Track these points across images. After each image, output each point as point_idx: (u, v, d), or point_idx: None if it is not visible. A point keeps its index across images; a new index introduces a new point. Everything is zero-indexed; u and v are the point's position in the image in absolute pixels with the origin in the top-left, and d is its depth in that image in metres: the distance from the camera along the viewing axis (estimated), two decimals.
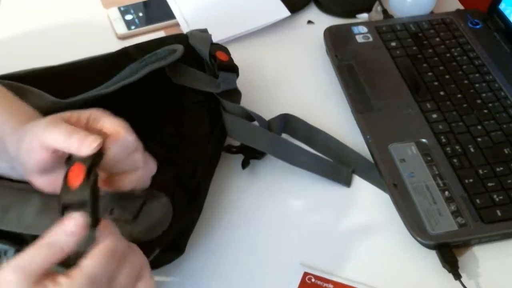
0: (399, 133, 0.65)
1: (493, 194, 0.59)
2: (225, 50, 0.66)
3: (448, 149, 0.63)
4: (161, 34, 0.81)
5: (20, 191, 0.51)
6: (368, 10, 0.84)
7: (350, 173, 0.64)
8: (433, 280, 0.55)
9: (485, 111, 0.67)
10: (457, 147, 0.63)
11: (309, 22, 0.84)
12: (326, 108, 0.71)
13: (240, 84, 0.65)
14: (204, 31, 0.69)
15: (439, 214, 0.57)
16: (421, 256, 0.56)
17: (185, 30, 0.77)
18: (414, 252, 0.57)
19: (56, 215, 0.40)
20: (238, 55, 0.67)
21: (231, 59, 0.66)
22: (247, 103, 0.63)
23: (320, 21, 0.83)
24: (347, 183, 0.63)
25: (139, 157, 0.45)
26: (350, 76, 0.72)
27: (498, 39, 0.77)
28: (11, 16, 0.85)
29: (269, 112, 0.65)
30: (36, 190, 0.51)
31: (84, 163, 0.41)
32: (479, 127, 0.65)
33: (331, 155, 0.65)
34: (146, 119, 0.47)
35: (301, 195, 0.63)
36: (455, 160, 0.62)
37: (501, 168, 0.61)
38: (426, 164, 0.61)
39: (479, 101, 0.68)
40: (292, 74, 0.76)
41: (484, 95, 0.69)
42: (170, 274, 0.55)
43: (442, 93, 0.69)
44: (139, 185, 0.47)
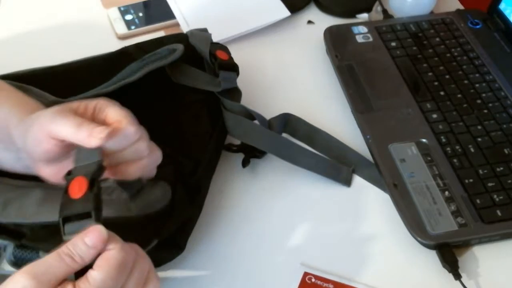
0: (399, 133, 0.65)
1: (493, 194, 0.59)
2: (225, 49, 0.66)
3: (448, 149, 0.63)
4: (161, 34, 0.81)
5: (20, 188, 0.52)
6: (368, 10, 0.84)
7: (350, 173, 0.64)
8: (433, 280, 0.55)
9: (485, 111, 0.67)
10: (457, 147, 0.63)
11: (309, 22, 0.84)
12: (326, 108, 0.71)
13: (240, 84, 0.65)
14: (204, 31, 0.69)
15: (439, 214, 0.57)
16: (421, 256, 0.56)
17: (185, 30, 0.77)
18: (414, 252, 0.57)
19: (57, 205, 0.40)
20: (238, 55, 0.67)
21: (231, 58, 0.66)
22: (247, 103, 0.63)
23: (320, 21, 0.83)
24: (347, 183, 0.63)
25: (144, 146, 0.45)
26: (350, 76, 0.72)
27: (498, 39, 0.77)
28: (11, 16, 0.85)
29: (269, 112, 0.65)
30: (36, 186, 0.51)
31: (86, 177, 0.41)
32: (479, 127, 0.65)
33: (331, 155, 0.65)
34: (147, 118, 0.47)
35: (301, 195, 0.63)
36: (455, 160, 0.62)
37: (501, 168, 0.61)
38: (426, 164, 0.61)
39: (479, 101, 0.68)
40: (292, 74, 0.76)
41: (484, 95, 0.69)
42: (171, 272, 0.55)
43: (442, 93, 0.69)
44: (145, 174, 0.47)
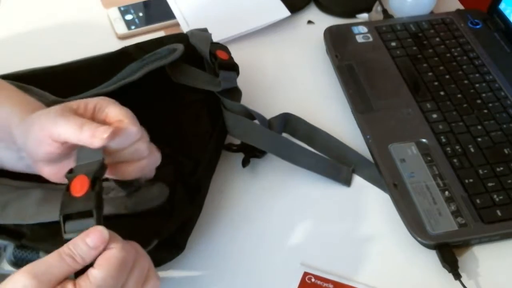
0: (399, 133, 0.65)
1: (493, 194, 0.59)
2: (225, 49, 0.66)
3: (448, 149, 0.63)
4: (161, 34, 0.81)
5: (20, 189, 0.52)
6: (368, 10, 0.84)
7: (350, 173, 0.64)
8: (433, 280, 0.55)
9: (485, 111, 0.67)
10: (457, 147, 0.63)
11: (309, 22, 0.84)
12: (326, 108, 0.71)
13: (240, 84, 0.65)
14: (204, 31, 0.69)
15: (439, 214, 0.57)
16: (421, 256, 0.56)
17: (185, 30, 0.77)
18: (414, 252, 0.57)
19: (57, 204, 0.40)
20: (238, 55, 0.67)
21: (231, 58, 0.66)
22: (247, 103, 0.63)
23: (320, 21, 0.83)
24: (347, 183, 0.63)
25: (144, 147, 0.45)
26: (350, 76, 0.72)
27: (498, 39, 0.77)
28: (11, 16, 0.85)
29: (269, 112, 0.65)
30: (36, 186, 0.51)
31: (88, 176, 0.41)
32: (479, 127, 0.65)
33: (331, 155, 0.65)
34: (147, 118, 0.47)
35: (301, 194, 0.63)
36: (455, 160, 0.62)
37: (501, 168, 0.61)
38: (426, 164, 0.61)
39: (479, 101, 0.68)
40: (292, 74, 0.76)
41: (484, 95, 0.69)
42: (171, 272, 0.55)
43: (442, 93, 0.69)
44: (144, 175, 0.47)
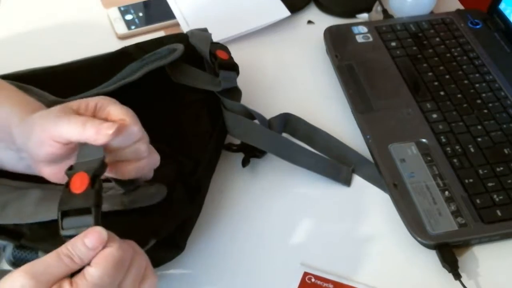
0: (399, 133, 0.65)
1: (493, 194, 0.59)
2: (225, 49, 0.66)
3: (448, 149, 0.63)
4: (161, 34, 0.81)
5: (19, 189, 0.52)
6: (368, 10, 0.84)
7: (350, 173, 0.64)
8: (433, 280, 0.55)
9: (485, 111, 0.67)
10: (457, 147, 0.63)
11: (309, 22, 0.84)
12: (326, 108, 0.71)
13: (240, 84, 0.65)
14: (204, 31, 0.69)
15: (439, 214, 0.57)
16: (421, 256, 0.56)
17: (185, 30, 0.77)
18: (414, 252, 0.57)
19: (56, 203, 0.40)
20: (238, 55, 0.67)
21: (231, 58, 0.66)
22: (247, 103, 0.63)
23: (320, 21, 0.83)
24: (347, 183, 0.63)
25: (144, 147, 0.45)
26: (350, 76, 0.72)
27: (498, 39, 0.77)
28: (11, 16, 0.85)
29: (269, 112, 0.65)
30: (35, 186, 0.51)
31: (88, 173, 0.41)
32: (479, 127, 0.65)
33: (331, 155, 0.65)
34: (147, 118, 0.47)
35: (301, 195, 0.63)
36: (455, 160, 0.62)
37: (501, 168, 0.61)
38: (426, 164, 0.61)
39: (479, 101, 0.68)
40: (292, 74, 0.76)
41: (484, 95, 0.69)
42: (170, 271, 0.55)
43: (442, 93, 0.69)
44: (142, 175, 0.47)
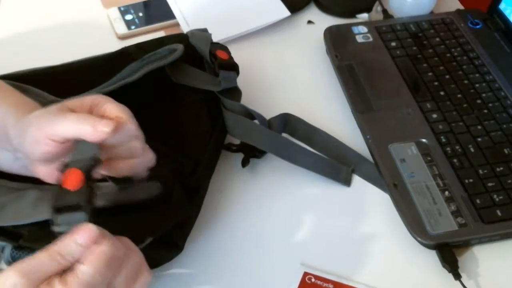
0: (399, 133, 0.65)
1: (493, 194, 0.59)
2: (225, 49, 0.66)
3: (448, 149, 0.63)
4: (161, 34, 0.81)
5: (17, 190, 0.52)
6: (368, 10, 0.84)
7: (350, 173, 0.64)
8: (433, 280, 0.55)
9: (485, 111, 0.67)
10: (457, 147, 0.63)
11: (309, 22, 0.84)
12: (326, 108, 0.71)
13: (240, 84, 0.65)
14: (204, 31, 0.69)
15: (439, 214, 0.57)
16: (421, 256, 0.56)
17: (185, 30, 0.77)
18: (414, 252, 0.57)
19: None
20: (238, 55, 0.67)
21: (231, 58, 0.66)
22: (247, 103, 0.63)
23: (320, 21, 0.83)
24: (347, 183, 0.63)
25: (139, 145, 0.45)
26: (350, 76, 0.72)
27: (498, 39, 0.77)
28: (11, 16, 0.85)
29: (269, 112, 0.65)
30: (33, 187, 0.51)
31: (82, 169, 0.41)
32: (479, 127, 0.65)
33: (331, 155, 0.65)
34: (147, 118, 0.47)
35: (301, 195, 0.63)
36: (455, 160, 0.62)
37: (501, 168, 0.61)
38: (426, 164, 0.61)
39: (479, 101, 0.68)
40: (292, 74, 0.76)
41: (484, 95, 0.69)
42: (169, 271, 0.55)
43: (442, 93, 0.69)
44: (136, 174, 0.47)
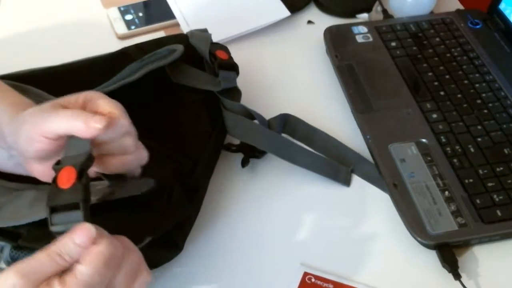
0: (399, 133, 0.65)
1: (493, 194, 0.58)
2: (225, 49, 0.66)
3: (448, 149, 0.63)
4: (161, 34, 0.81)
5: (14, 191, 0.52)
6: (368, 10, 0.84)
7: (349, 173, 0.64)
8: (433, 280, 0.55)
9: (485, 111, 0.67)
10: (457, 147, 0.63)
11: (309, 22, 0.84)
12: (326, 108, 0.71)
13: (240, 84, 0.65)
14: (204, 31, 0.69)
15: (439, 214, 0.57)
16: (421, 256, 0.56)
17: (185, 30, 0.77)
18: (414, 252, 0.57)
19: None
20: (238, 55, 0.67)
21: (231, 58, 0.66)
22: (247, 103, 0.63)
23: (320, 21, 0.83)
24: (347, 183, 0.63)
25: (131, 142, 0.45)
26: (350, 76, 0.72)
27: (498, 39, 0.77)
28: (11, 16, 0.85)
29: (269, 112, 0.65)
30: (30, 188, 0.51)
31: (75, 167, 0.41)
32: (479, 127, 0.65)
33: (331, 155, 0.65)
34: (146, 118, 0.47)
35: (301, 195, 0.62)
36: (455, 160, 0.62)
37: (501, 168, 0.61)
38: (426, 164, 0.61)
39: (479, 101, 0.68)
40: (292, 74, 0.76)
41: (484, 95, 0.69)
42: (169, 271, 0.55)
43: (442, 93, 0.69)
44: (128, 171, 0.47)
